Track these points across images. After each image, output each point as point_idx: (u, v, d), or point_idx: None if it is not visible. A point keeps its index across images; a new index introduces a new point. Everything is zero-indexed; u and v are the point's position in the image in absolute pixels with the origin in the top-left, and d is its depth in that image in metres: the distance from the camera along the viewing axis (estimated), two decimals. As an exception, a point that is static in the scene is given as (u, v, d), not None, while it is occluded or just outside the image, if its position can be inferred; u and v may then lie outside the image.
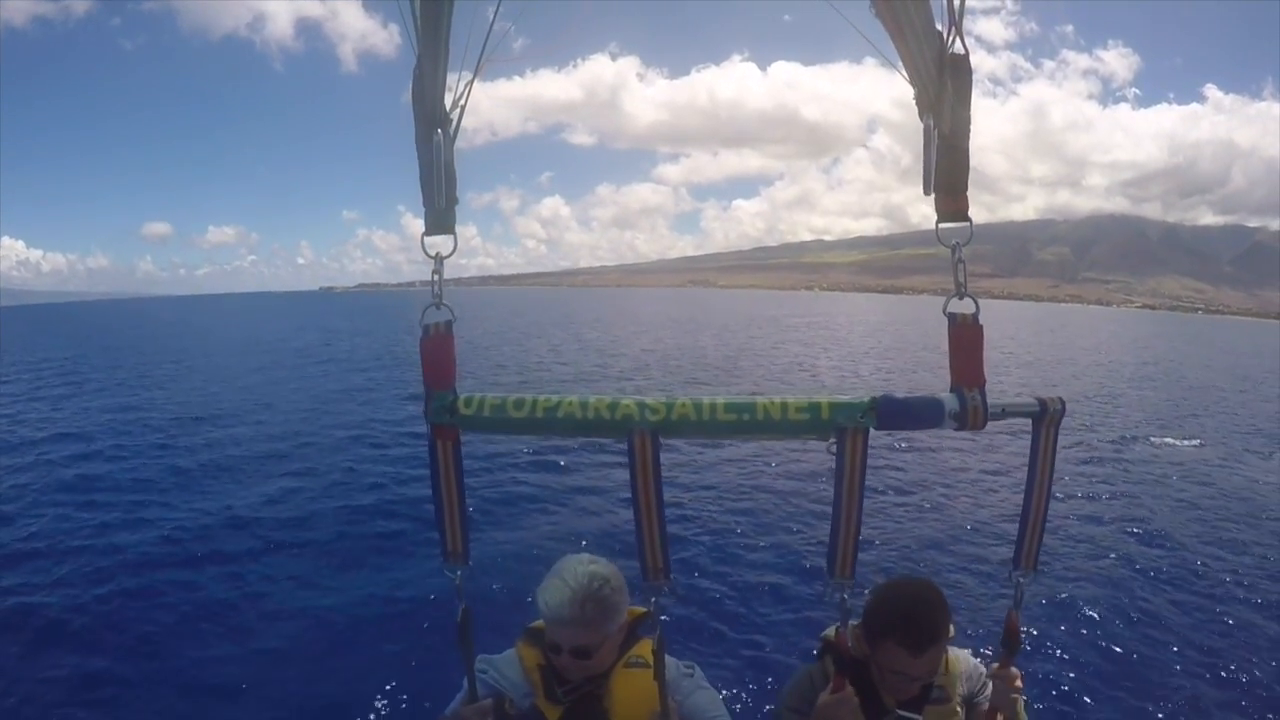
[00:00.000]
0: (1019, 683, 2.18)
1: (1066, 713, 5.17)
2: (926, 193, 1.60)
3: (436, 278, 1.69)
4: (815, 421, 1.68)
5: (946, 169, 1.58)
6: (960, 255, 1.63)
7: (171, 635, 6.41)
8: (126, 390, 22.05)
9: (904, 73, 1.54)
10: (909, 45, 1.50)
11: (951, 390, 1.68)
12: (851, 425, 1.66)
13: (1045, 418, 1.74)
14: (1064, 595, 6.73)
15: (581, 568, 2.20)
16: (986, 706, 2.28)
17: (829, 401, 1.68)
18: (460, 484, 1.83)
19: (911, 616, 2.17)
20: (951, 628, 2.28)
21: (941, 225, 1.62)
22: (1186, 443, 14.65)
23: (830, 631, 1.99)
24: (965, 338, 1.67)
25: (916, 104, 1.57)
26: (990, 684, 2.25)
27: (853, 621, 2.31)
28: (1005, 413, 1.71)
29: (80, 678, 5.68)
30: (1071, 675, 5.56)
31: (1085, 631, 6.19)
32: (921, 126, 1.58)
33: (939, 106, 1.53)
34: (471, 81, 1.62)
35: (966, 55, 1.51)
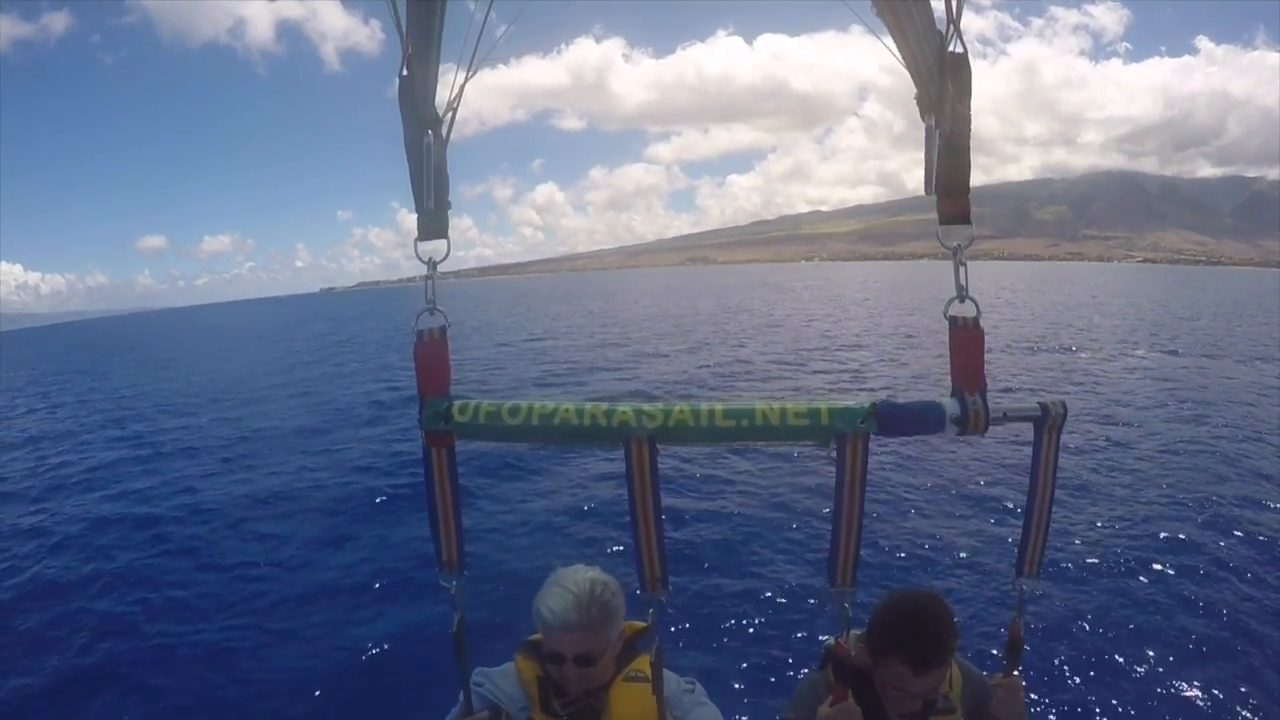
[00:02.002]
0: (1021, 695, 2.17)
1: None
2: (928, 193, 1.59)
3: (430, 283, 1.66)
4: (815, 427, 1.65)
5: (948, 170, 1.56)
6: (962, 259, 1.61)
7: (166, 652, 6.39)
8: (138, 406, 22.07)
9: (907, 72, 1.53)
10: (910, 45, 1.50)
11: (952, 394, 1.66)
12: (852, 431, 1.63)
13: (1047, 422, 1.72)
14: (1068, 600, 6.60)
15: (581, 575, 2.18)
16: (992, 717, 2.25)
17: (829, 407, 1.65)
18: (455, 492, 1.80)
19: (917, 637, 2.12)
20: (955, 638, 2.21)
21: (943, 228, 1.60)
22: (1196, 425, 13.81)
23: (832, 641, 1.97)
24: (966, 341, 1.64)
25: (918, 104, 1.56)
26: (997, 692, 2.22)
27: (855, 631, 2.28)
28: (1007, 417, 1.68)
29: (71, 675, 5.83)
30: (1075, 683, 5.48)
31: (1090, 639, 6.06)
32: (917, 126, 1.57)
33: (940, 106, 1.52)
34: (464, 84, 1.59)
35: (966, 54, 1.50)
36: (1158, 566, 7.32)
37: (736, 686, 5.42)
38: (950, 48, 1.49)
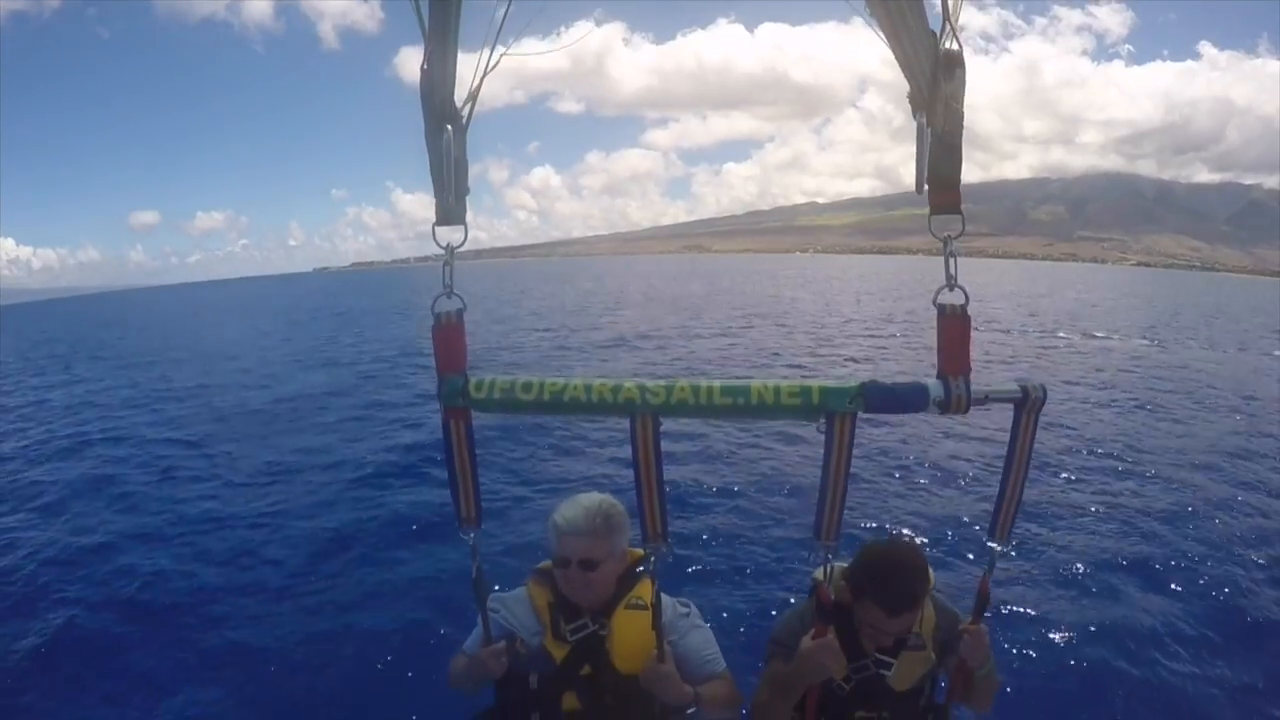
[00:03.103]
0: (986, 639, 2.35)
1: (1034, 671, 5.33)
2: (919, 190, 1.61)
3: (448, 268, 1.73)
4: (806, 405, 1.74)
5: (940, 162, 1.58)
6: (952, 249, 1.65)
7: (191, 593, 6.64)
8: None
9: (900, 69, 1.54)
10: (903, 43, 1.50)
11: (937, 377, 1.72)
12: (840, 409, 1.73)
13: (1026, 403, 1.82)
14: (1039, 568, 6.86)
15: (591, 495, 2.50)
16: (959, 656, 2.43)
17: (819, 386, 1.75)
18: (473, 458, 1.96)
19: (890, 581, 2.34)
20: (931, 577, 2.45)
21: (934, 218, 1.63)
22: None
23: (820, 572, 2.10)
24: (954, 328, 1.69)
25: (910, 102, 1.56)
26: (964, 637, 2.39)
27: (841, 564, 2.51)
28: (988, 399, 1.76)
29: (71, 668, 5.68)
30: (1041, 640, 5.73)
31: (1059, 602, 6.29)
32: (911, 123, 1.57)
33: (933, 105, 1.53)
34: (483, 78, 1.62)
35: (960, 53, 1.50)
36: (1131, 540, 7.60)
37: (728, 612, 5.73)
38: (944, 45, 1.49)
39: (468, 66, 1.58)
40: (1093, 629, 5.88)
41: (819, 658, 2.21)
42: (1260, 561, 7.01)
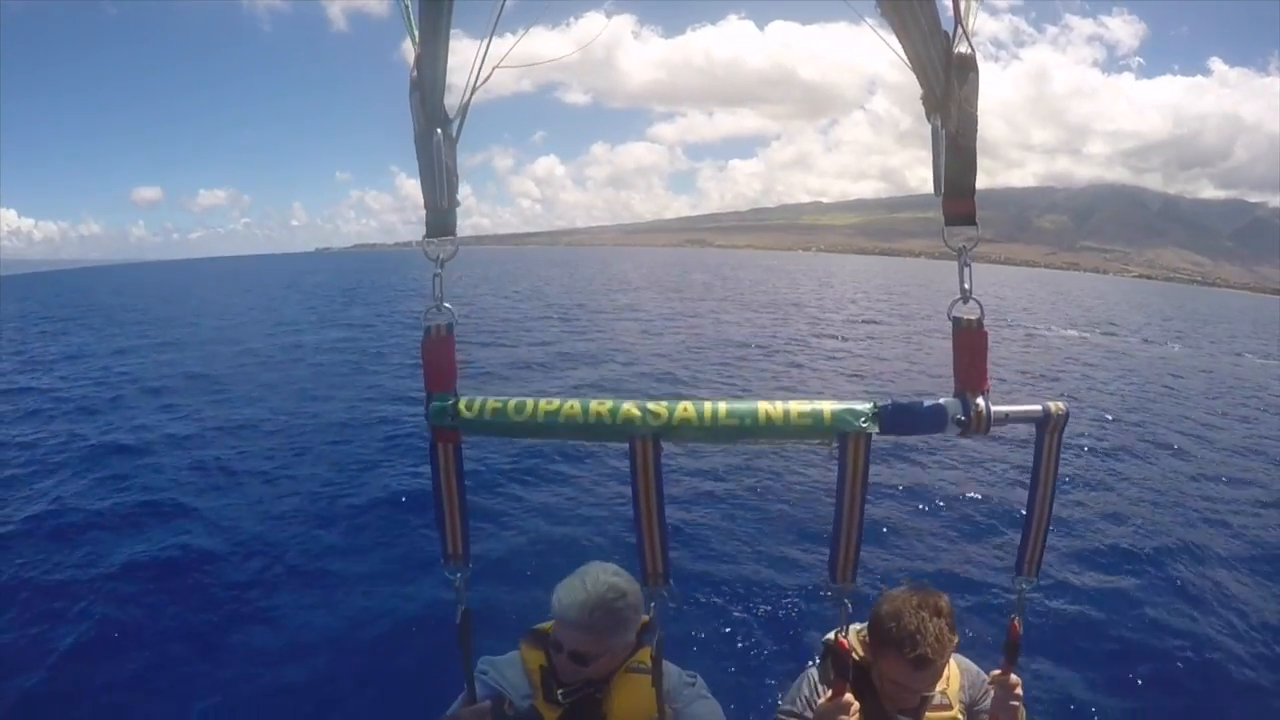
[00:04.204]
0: (1019, 690, 2.18)
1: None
2: (937, 194, 1.59)
3: (437, 281, 1.67)
4: (818, 426, 1.65)
5: (954, 171, 1.56)
6: (967, 260, 1.62)
7: (160, 628, 6.24)
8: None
9: (913, 72, 1.52)
10: (915, 45, 1.48)
11: (955, 395, 1.67)
12: (854, 430, 1.64)
13: (1049, 424, 1.73)
14: (1069, 600, 6.65)
15: (604, 576, 2.25)
16: (988, 715, 2.29)
17: (831, 407, 1.66)
18: (461, 486, 1.84)
19: (917, 635, 2.15)
20: (955, 637, 2.26)
21: (948, 229, 1.60)
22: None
23: (832, 636, 1.98)
24: (970, 342, 1.65)
25: (924, 104, 1.55)
26: (991, 691, 2.25)
27: (856, 625, 2.34)
28: (1009, 418, 1.69)
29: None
30: (1074, 683, 5.51)
31: (1090, 639, 6.12)
32: (914, 127, 1.56)
33: (946, 107, 1.51)
34: (475, 84, 1.58)
35: (973, 55, 1.48)
36: (1157, 565, 7.50)
37: (736, 681, 5.44)
38: (957, 48, 1.47)
39: (466, 65, 1.53)
40: (1135, 676, 5.64)
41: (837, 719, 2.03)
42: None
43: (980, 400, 1.64)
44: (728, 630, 6.22)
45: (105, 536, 7.76)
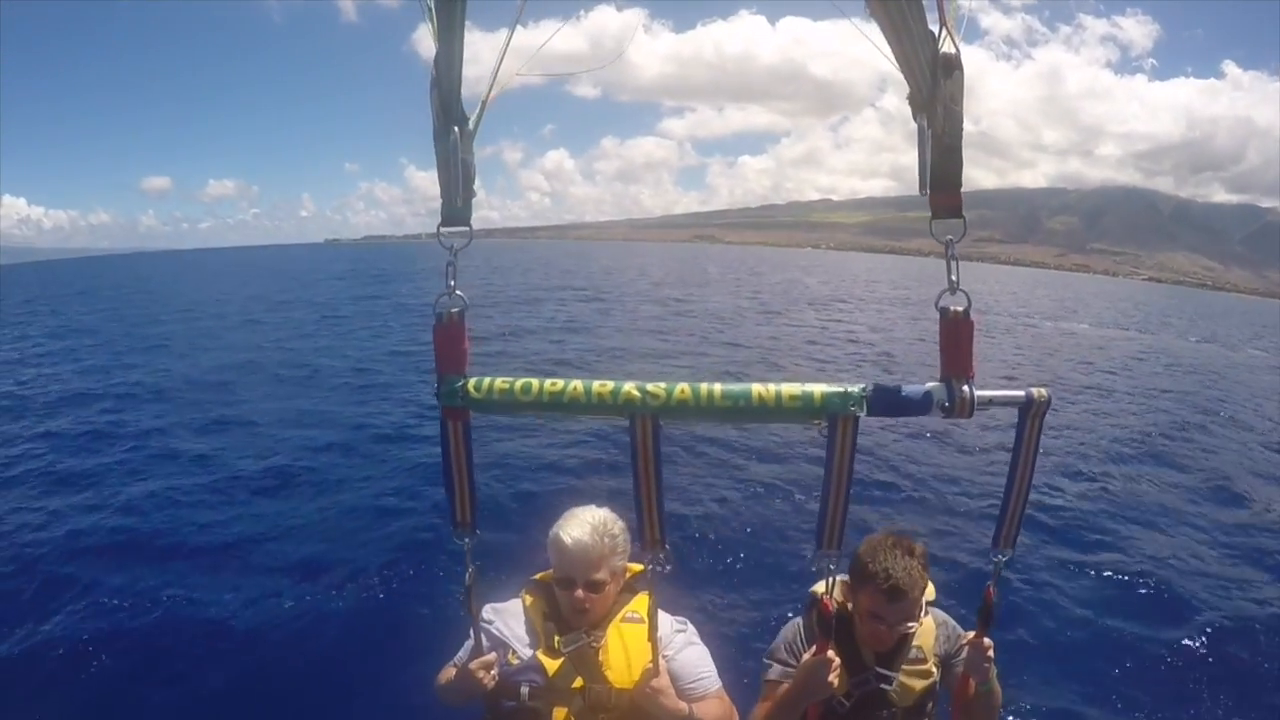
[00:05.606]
0: (991, 652, 2.31)
1: (1038, 684, 5.32)
2: (922, 192, 1.64)
3: (451, 269, 1.73)
4: (808, 408, 1.74)
5: (940, 165, 1.61)
6: (953, 252, 1.67)
7: (174, 581, 6.57)
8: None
9: (901, 72, 1.57)
10: (904, 45, 1.52)
11: (941, 380, 1.73)
12: (843, 412, 1.73)
13: (1031, 408, 1.83)
14: (1046, 576, 6.88)
15: (595, 511, 2.53)
16: (961, 671, 2.42)
17: (822, 389, 1.75)
18: (470, 460, 1.96)
19: (891, 567, 2.36)
20: (931, 590, 2.48)
21: (935, 221, 1.66)
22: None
23: (819, 586, 2.12)
24: (956, 331, 1.71)
25: (910, 103, 1.60)
26: (966, 650, 2.39)
27: (841, 576, 2.52)
28: (992, 403, 1.75)
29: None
30: (1046, 651, 5.72)
31: (1064, 611, 6.31)
32: (915, 125, 1.61)
33: (932, 106, 1.56)
34: (492, 84, 1.65)
35: (958, 55, 1.53)
36: (1134, 546, 7.77)
37: (726, 629, 5.73)
38: (942, 48, 1.52)
39: (488, 54, 1.59)
40: (1103, 642, 5.87)
41: (820, 674, 2.20)
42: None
43: (965, 385, 1.70)
44: (719, 583, 6.61)
45: (109, 525, 8.00)
